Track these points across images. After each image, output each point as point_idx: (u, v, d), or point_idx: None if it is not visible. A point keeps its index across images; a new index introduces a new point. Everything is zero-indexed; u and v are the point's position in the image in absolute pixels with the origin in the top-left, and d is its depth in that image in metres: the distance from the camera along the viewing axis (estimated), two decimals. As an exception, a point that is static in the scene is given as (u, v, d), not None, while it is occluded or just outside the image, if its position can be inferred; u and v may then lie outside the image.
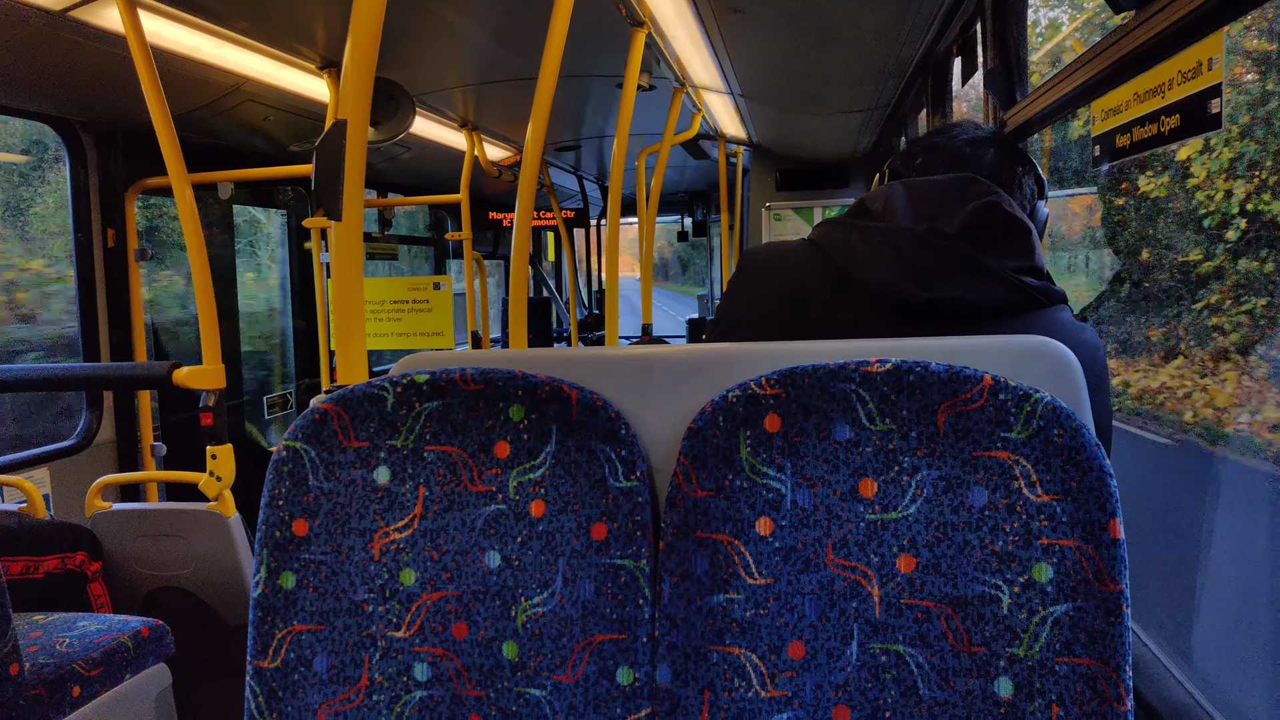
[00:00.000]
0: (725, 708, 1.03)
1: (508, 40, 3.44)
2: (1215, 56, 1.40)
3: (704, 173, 7.79)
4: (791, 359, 1.08)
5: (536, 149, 2.28)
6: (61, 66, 2.97)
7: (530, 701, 1.09)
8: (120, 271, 3.85)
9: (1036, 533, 0.97)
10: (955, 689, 0.99)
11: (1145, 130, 1.62)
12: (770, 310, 1.37)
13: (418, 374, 1.13)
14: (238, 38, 3.07)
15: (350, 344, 1.76)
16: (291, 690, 1.12)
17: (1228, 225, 4.11)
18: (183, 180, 2.79)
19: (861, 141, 5.95)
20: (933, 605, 0.99)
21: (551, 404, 1.11)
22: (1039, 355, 1.05)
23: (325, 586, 1.13)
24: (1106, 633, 0.94)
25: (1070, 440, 0.96)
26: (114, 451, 3.89)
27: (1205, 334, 4.23)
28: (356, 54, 1.65)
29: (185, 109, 3.61)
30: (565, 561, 1.09)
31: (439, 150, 5.23)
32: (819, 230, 1.40)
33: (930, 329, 1.22)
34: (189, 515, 3.03)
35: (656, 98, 4.15)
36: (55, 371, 2.98)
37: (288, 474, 1.14)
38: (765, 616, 1.03)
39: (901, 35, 3.46)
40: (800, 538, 1.03)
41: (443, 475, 1.13)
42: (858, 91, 4.48)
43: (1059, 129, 4.59)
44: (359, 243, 1.71)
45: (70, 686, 2.20)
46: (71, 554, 2.91)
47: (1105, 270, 5.42)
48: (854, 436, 1.03)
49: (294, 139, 4.40)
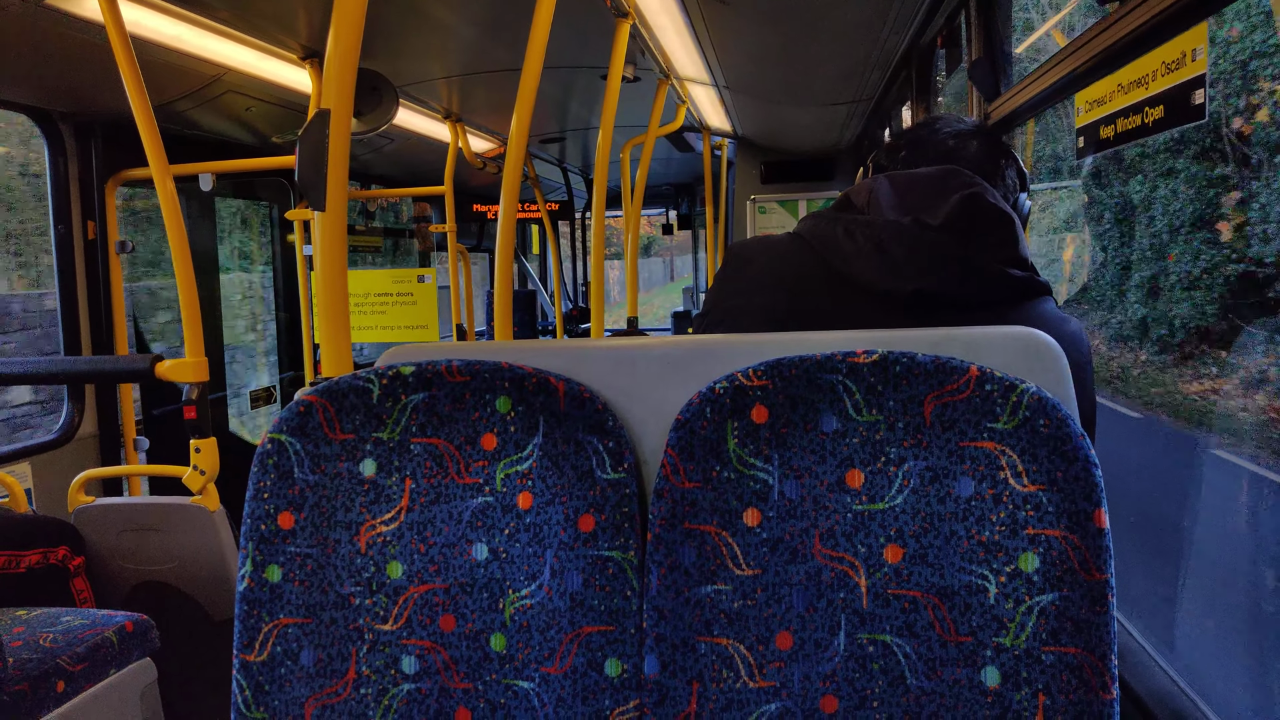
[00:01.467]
0: (714, 699, 1.03)
1: (492, 31, 3.42)
2: (1199, 48, 1.41)
3: (689, 165, 7.79)
4: (778, 350, 1.08)
5: (521, 141, 2.27)
6: (39, 56, 2.94)
7: (519, 694, 1.09)
8: (101, 264, 3.82)
9: (1023, 523, 0.97)
10: (942, 679, 0.99)
11: (1129, 121, 1.63)
12: (757, 304, 1.37)
13: (404, 366, 1.13)
14: (219, 27, 3.04)
15: (335, 337, 1.74)
16: (278, 684, 1.12)
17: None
18: (164, 172, 2.76)
19: (846, 134, 5.95)
20: (920, 595, 1.00)
21: (539, 395, 1.11)
22: (1025, 346, 1.06)
23: (311, 580, 1.12)
24: (1092, 622, 0.95)
25: (1056, 430, 0.97)
26: (96, 445, 3.87)
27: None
28: (339, 43, 1.64)
29: (166, 100, 3.58)
30: (553, 553, 1.09)
31: (422, 142, 5.20)
32: (805, 224, 1.41)
33: (915, 321, 1.22)
34: (173, 509, 3.01)
35: (641, 90, 4.14)
36: (35, 365, 2.96)
37: (273, 466, 1.13)
38: (753, 607, 1.04)
39: (886, 27, 3.46)
40: (788, 529, 1.04)
41: (429, 467, 1.13)
42: (842, 84, 4.47)
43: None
44: (343, 234, 1.70)
45: (55, 682, 2.19)
46: (53, 549, 2.89)
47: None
48: (841, 427, 1.03)
49: (276, 130, 4.37)
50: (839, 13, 3.25)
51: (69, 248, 3.76)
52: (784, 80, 4.46)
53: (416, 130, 4.95)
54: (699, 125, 5.73)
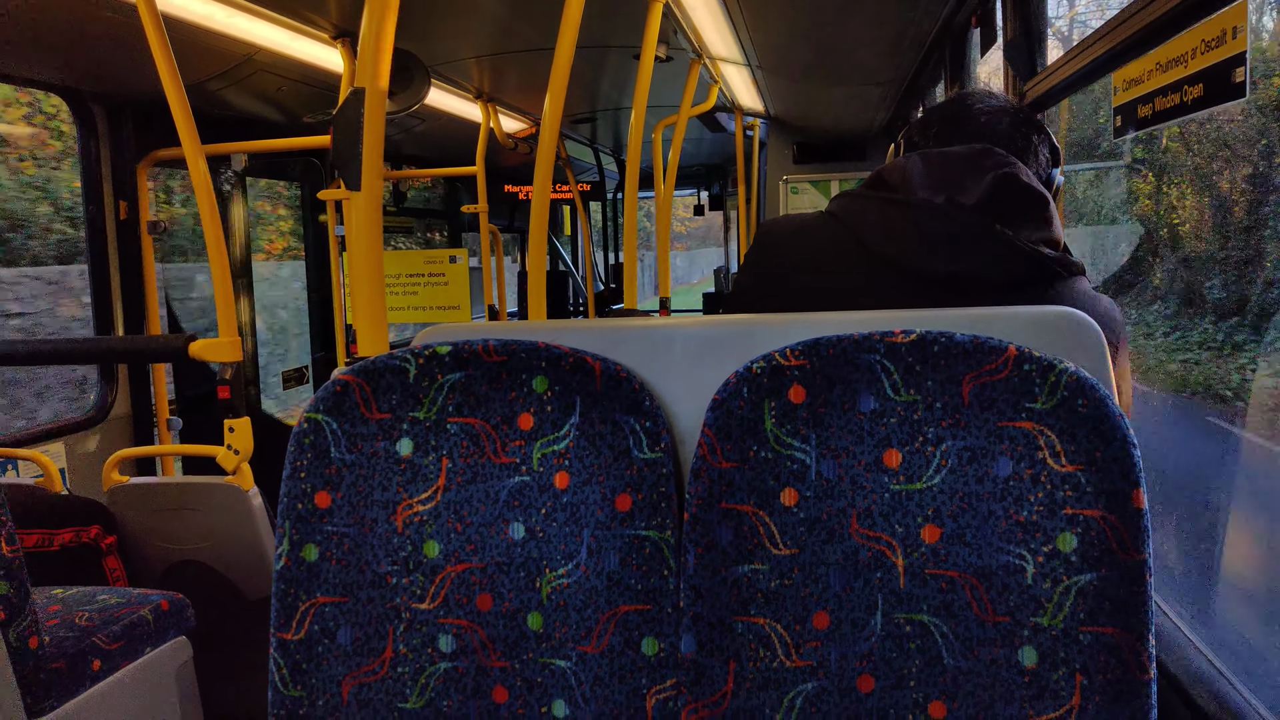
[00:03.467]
0: (750, 677, 1.04)
1: (524, 10, 3.41)
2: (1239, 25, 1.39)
3: (720, 146, 7.76)
4: (815, 330, 1.08)
5: (554, 121, 2.26)
6: (71, 36, 2.94)
7: (555, 672, 1.09)
8: (133, 244, 3.84)
9: (1061, 503, 0.97)
10: (979, 658, 0.99)
11: (1168, 100, 1.61)
12: (788, 283, 1.37)
13: (440, 345, 1.12)
14: (250, 6, 3.04)
15: (371, 316, 1.74)
16: (316, 662, 1.12)
17: None
18: (196, 152, 2.77)
19: (879, 115, 5.91)
20: (957, 575, 1.00)
21: (575, 375, 1.10)
22: (1062, 325, 1.05)
23: (348, 558, 1.12)
24: (1129, 602, 0.95)
25: (1094, 410, 0.96)
26: (130, 425, 3.89)
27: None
28: (374, 22, 1.63)
29: (197, 79, 3.58)
30: (590, 533, 1.09)
31: (454, 122, 5.20)
32: (837, 203, 1.40)
33: (949, 301, 1.22)
34: (207, 489, 3.03)
35: (674, 69, 4.12)
36: (70, 344, 2.98)
37: (309, 446, 1.13)
38: (790, 587, 1.04)
39: (920, 6, 3.43)
40: (825, 508, 1.03)
41: (466, 447, 1.12)
42: (876, 64, 4.44)
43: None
44: (378, 213, 1.70)
45: (91, 660, 2.20)
46: (86, 527, 2.92)
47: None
48: (878, 407, 1.03)
49: (307, 110, 4.37)
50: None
51: (101, 228, 3.78)
52: (817, 60, 4.44)
53: (448, 110, 4.94)
54: (731, 105, 5.71)
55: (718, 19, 3.65)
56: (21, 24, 2.78)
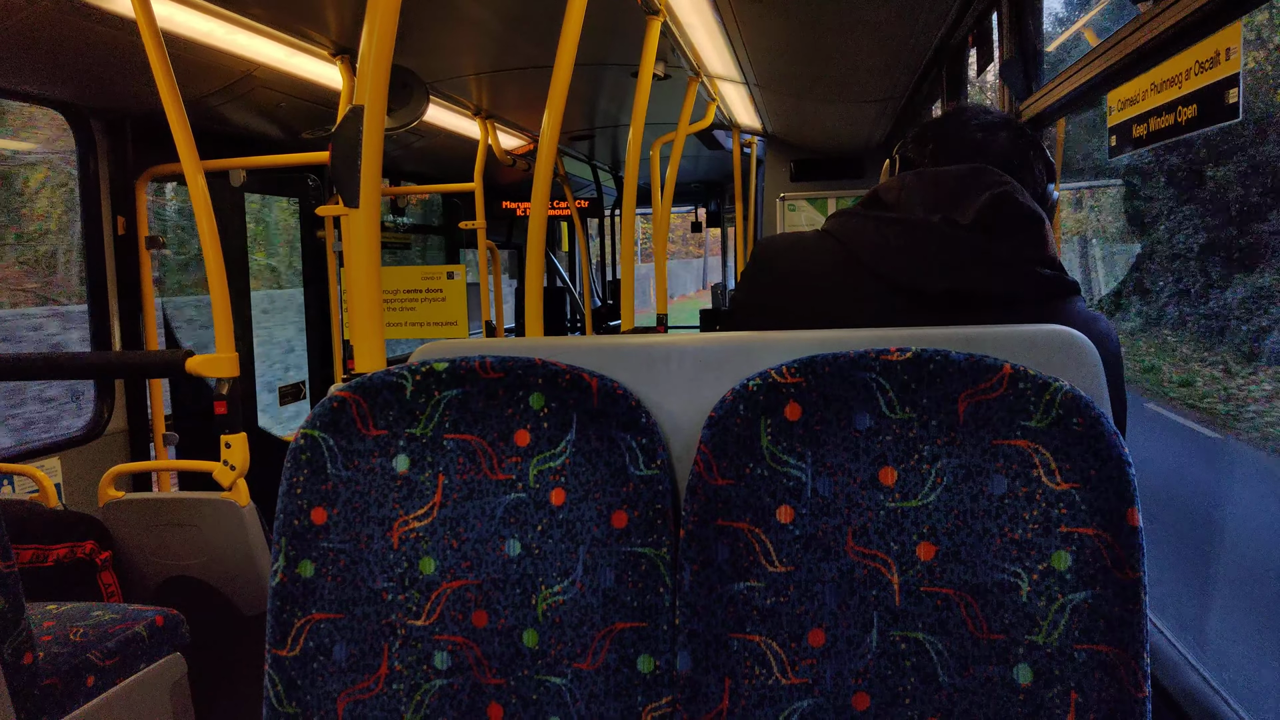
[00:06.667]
0: (746, 695, 1.03)
1: (523, 28, 3.42)
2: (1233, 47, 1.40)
3: (718, 163, 7.78)
4: (811, 348, 1.08)
5: (552, 138, 2.27)
6: (71, 51, 2.95)
7: (551, 690, 1.09)
8: (131, 259, 3.84)
9: (1056, 521, 0.98)
10: (974, 676, 0.99)
11: (1162, 120, 1.62)
12: (786, 300, 1.38)
13: (437, 362, 1.12)
14: (250, 23, 3.05)
15: (368, 332, 1.74)
16: (311, 679, 1.12)
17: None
18: (195, 167, 2.77)
19: (877, 132, 5.93)
20: (952, 593, 1.00)
21: (572, 392, 1.10)
22: (1058, 344, 1.06)
23: (344, 575, 1.12)
24: (1125, 620, 0.95)
25: (1089, 429, 0.97)
26: (126, 441, 3.89)
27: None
28: (373, 40, 1.64)
29: (197, 95, 3.59)
30: (586, 550, 1.09)
31: (452, 139, 5.21)
32: (834, 221, 1.41)
33: (945, 319, 1.23)
34: (202, 504, 3.02)
35: (671, 87, 4.13)
36: (67, 359, 2.97)
37: (306, 462, 1.13)
38: (786, 604, 1.04)
39: (917, 24, 3.44)
40: (821, 526, 1.04)
41: (462, 464, 1.12)
42: (873, 81, 4.46)
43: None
44: (376, 229, 1.70)
45: (85, 676, 2.19)
46: (80, 543, 2.91)
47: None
48: (874, 425, 1.03)
49: (306, 126, 4.38)
50: (870, 10, 3.24)
51: (99, 243, 3.77)
52: (814, 78, 4.45)
53: (446, 127, 4.95)
54: (729, 123, 5.72)
55: (715, 37, 3.66)
56: (21, 39, 2.79)
